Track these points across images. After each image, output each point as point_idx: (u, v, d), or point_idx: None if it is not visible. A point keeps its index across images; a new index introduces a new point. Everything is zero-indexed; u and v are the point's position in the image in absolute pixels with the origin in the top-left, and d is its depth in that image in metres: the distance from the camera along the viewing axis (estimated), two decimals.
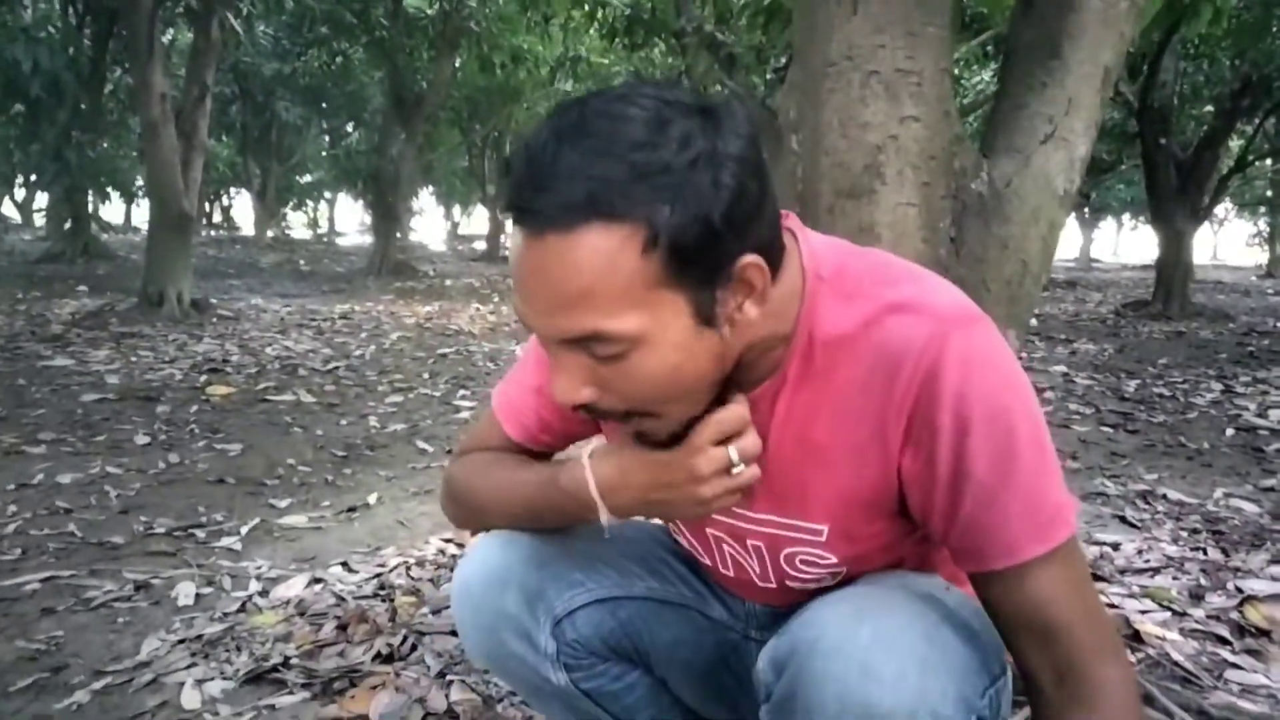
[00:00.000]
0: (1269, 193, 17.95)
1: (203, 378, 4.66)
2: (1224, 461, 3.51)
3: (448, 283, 11.47)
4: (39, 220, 22.34)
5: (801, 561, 0.91)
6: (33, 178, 14.10)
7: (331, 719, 1.56)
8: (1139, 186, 13.15)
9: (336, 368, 5.11)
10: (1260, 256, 22.67)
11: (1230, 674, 1.73)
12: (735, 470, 0.79)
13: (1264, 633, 1.95)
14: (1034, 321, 8.59)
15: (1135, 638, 1.84)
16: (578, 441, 1.00)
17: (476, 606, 0.98)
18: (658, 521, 1.04)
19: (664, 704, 1.08)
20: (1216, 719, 1.50)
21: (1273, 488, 3.12)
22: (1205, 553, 2.45)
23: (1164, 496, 2.98)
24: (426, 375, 4.98)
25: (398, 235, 13.21)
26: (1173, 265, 9.17)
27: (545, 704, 1.07)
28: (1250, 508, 2.87)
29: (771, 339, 0.80)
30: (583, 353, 0.72)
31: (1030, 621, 0.77)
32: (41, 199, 19.50)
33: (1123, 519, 2.76)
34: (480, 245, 20.11)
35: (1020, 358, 1.45)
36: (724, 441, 0.79)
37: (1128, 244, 37.84)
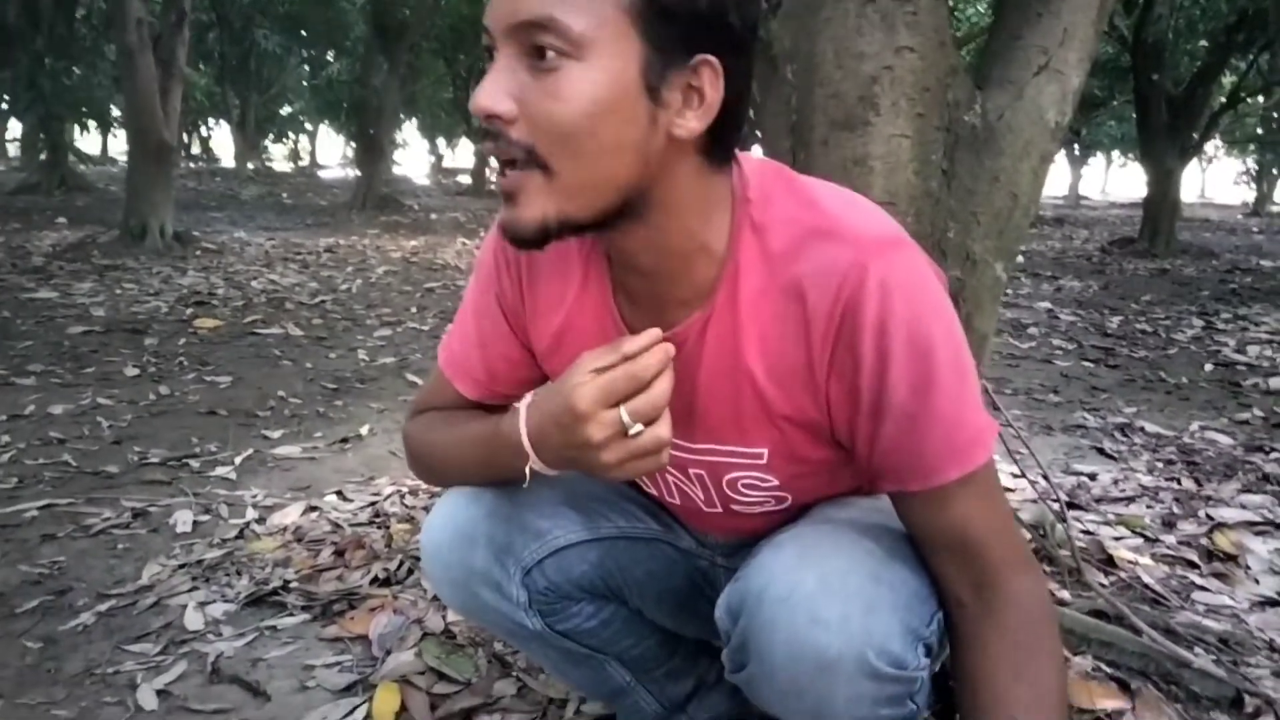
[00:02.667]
0: (1259, 130, 17.90)
1: (189, 310, 4.64)
2: (1202, 396, 3.58)
3: (433, 217, 11.37)
4: (12, 151, 21.89)
5: (744, 485, 0.92)
6: (3, 106, 13.75)
7: (332, 638, 1.61)
8: (1130, 123, 13.08)
9: (323, 301, 5.09)
10: (1247, 195, 22.68)
11: (1197, 595, 1.80)
12: (632, 432, 0.73)
13: (1231, 557, 2.02)
14: (1020, 259, 8.63)
15: (1109, 562, 1.90)
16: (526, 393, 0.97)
17: (446, 563, 0.99)
18: None
19: (642, 631, 1.11)
20: (1182, 636, 1.56)
21: (1248, 421, 3.19)
22: (1179, 482, 2.52)
23: (1141, 429, 3.05)
24: (414, 309, 4.98)
25: (382, 169, 13.02)
26: (1160, 203, 9.19)
27: (525, 645, 1.09)
28: (1224, 440, 2.94)
29: (701, 240, 0.79)
30: (521, 61, 0.69)
31: (948, 540, 0.80)
32: (14, 128, 19.08)
33: (1101, 450, 2.82)
34: (465, 179, 19.87)
35: (1006, 293, 1.48)
36: (618, 404, 0.74)
37: (1117, 181, 37.75)
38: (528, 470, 0.82)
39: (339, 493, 2.27)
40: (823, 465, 0.89)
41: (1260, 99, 13.19)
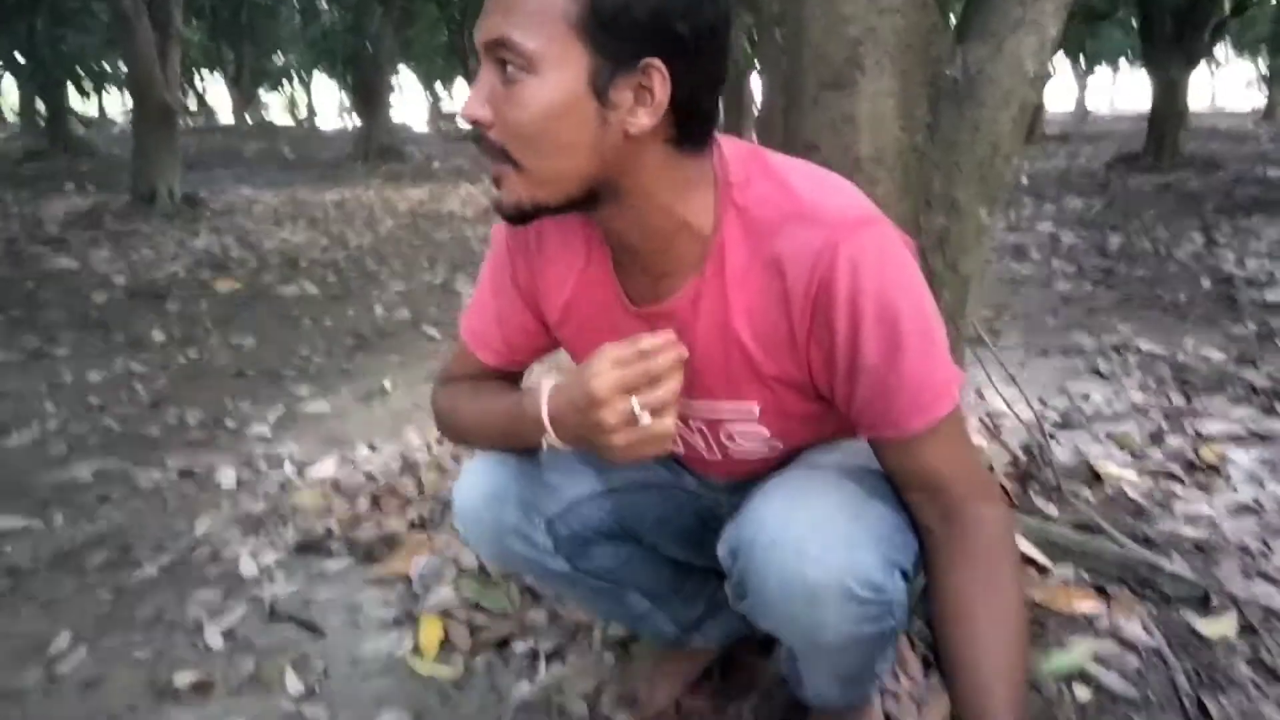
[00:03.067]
0: (1271, 31, 17.49)
1: (206, 273, 4.76)
2: (1198, 312, 3.66)
3: (435, 165, 11.37)
4: (10, 117, 21.80)
5: (740, 436, 1.03)
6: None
7: (376, 579, 1.75)
8: (1136, 34, 12.84)
9: (336, 259, 5.20)
10: (1258, 100, 22.27)
11: (1177, 505, 1.93)
12: (642, 422, 0.82)
13: (1213, 468, 2.14)
14: (1024, 179, 8.62)
15: (1095, 478, 2.02)
16: (543, 357, 1.12)
17: (480, 521, 1.10)
18: None
19: (657, 564, 1.23)
20: (1158, 544, 1.69)
21: (1242, 336, 3.28)
22: (1169, 399, 2.63)
23: (1136, 348, 3.14)
24: (425, 262, 5.08)
25: (381, 118, 12.96)
26: (1165, 116, 9.12)
27: (553, 584, 1.23)
28: (1218, 355, 3.04)
29: (682, 220, 0.89)
30: (494, 72, 0.80)
31: (919, 479, 0.92)
32: (10, 96, 18.98)
33: (1096, 371, 2.92)
34: (464, 124, 19.67)
35: (1009, 216, 1.56)
36: (632, 394, 0.82)
37: (1124, 92, 37.06)
38: (544, 444, 0.94)
39: (370, 445, 2.41)
40: (810, 417, 1.00)
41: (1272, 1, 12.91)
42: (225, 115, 23.81)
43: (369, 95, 11.89)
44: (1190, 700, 1.31)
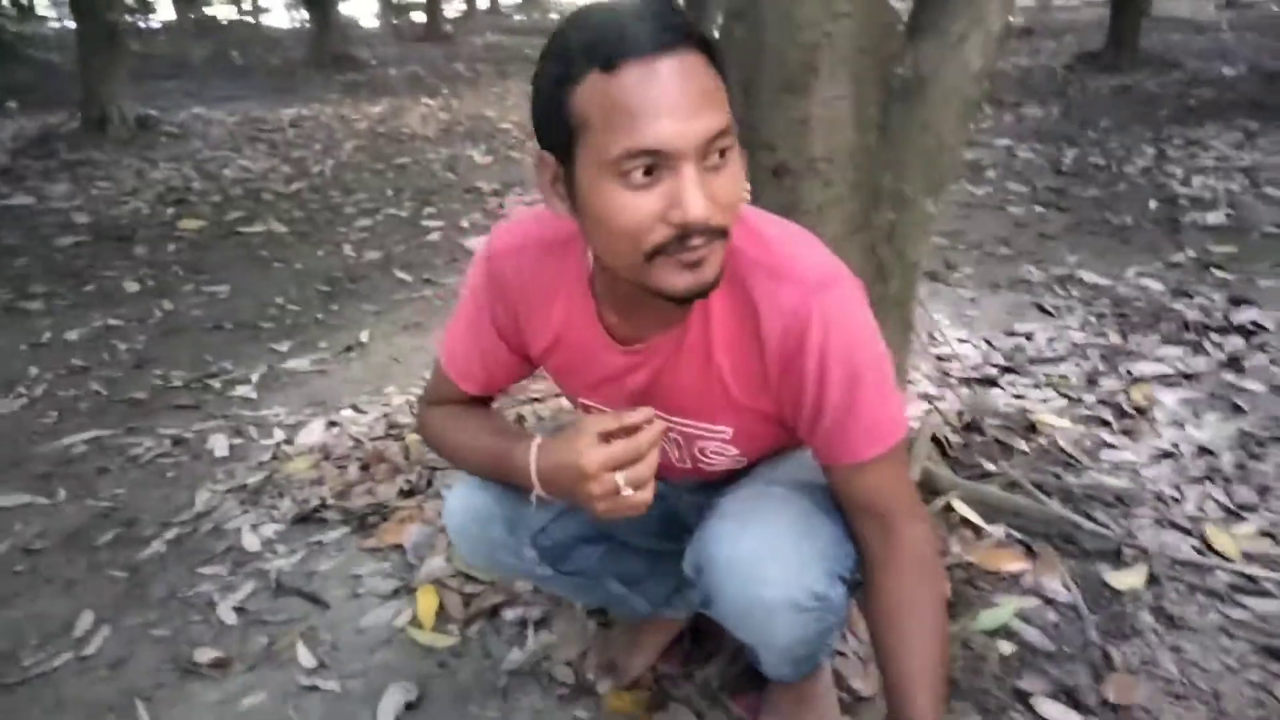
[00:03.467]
0: None
1: (170, 210, 4.73)
2: (1143, 238, 3.81)
3: (391, 72, 11.06)
4: None
5: (711, 452, 1.17)
6: None
7: (372, 549, 1.89)
8: None
9: (299, 189, 5.17)
10: None
11: (1105, 454, 2.10)
12: (625, 493, 0.94)
13: (1141, 411, 2.32)
14: (985, 84, 8.61)
15: (1031, 429, 2.19)
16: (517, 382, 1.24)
17: (469, 538, 1.25)
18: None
19: (630, 557, 1.37)
20: (1079, 496, 1.87)
21: (1180, 264, 3.44)
22: (1107, 337, 2.79)
23: (1080, 280, 3.30)
24: (390, 192, 5.07)
25: (333, 18, 12.47)
26: (1125, 10, 9.08)
27: (540, 582, 1.38)
28: (1156, 285, 3.20)
29: None
30: (700, 165, 0.83)
31: (863, 499, 1.05)
32: None
33: (1040, 307, 3.08)
34: (419, 16, 18.96)
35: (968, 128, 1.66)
36: (620, 468, 0.94)
37: None
38: (533, 497, 1.06)
39: (354, 406, 2.52)
40: (775, 438, 1.14)
41: None
42: (166, 10, 22.70)
43: None
44: (1097, 650, 1.51)
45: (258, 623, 1.70)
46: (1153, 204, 4.29)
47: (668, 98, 0.81)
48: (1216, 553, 1.74)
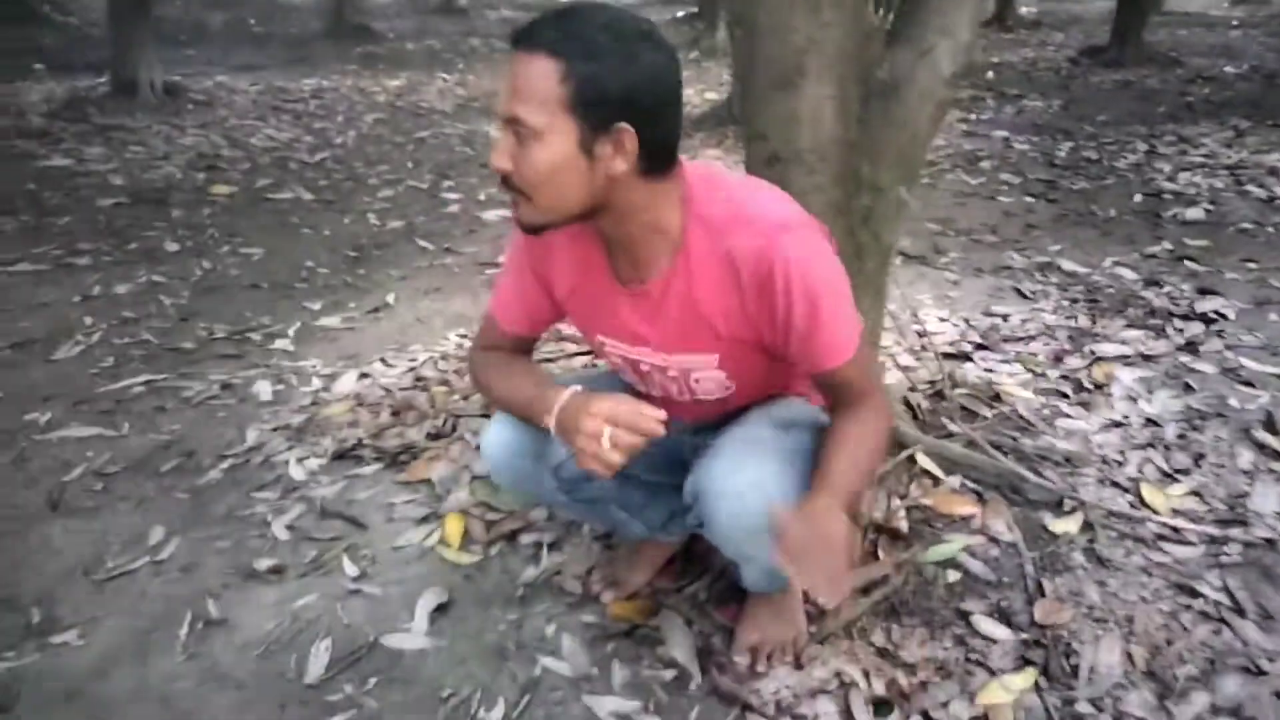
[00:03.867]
0: None
1: (201, 176, 4.97)
2: (1123, 229, 4.02)
3: (409, 46, 11.25)
4: None
5: (703, 379, 1.41)
6: None
7: (404, 482, 2.14)
8: None
9: (324, 159, 5.40)
10: None
11: (1060, 422, 2.34)
12: (605, 443, 1.17)
13: (1100, 387, 2.55)
14: (990, 74, 8.80)
15: (996, 398, 2.43)
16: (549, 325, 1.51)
17: (501, 466, 1.50)
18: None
19: (633, 486, 1.61)
20: (1031, 456, 2.11)
21: (1155, 255, 3.66)
22: (1076, 320, 3.02)
23: (1059, 268, 3.52)
24: (410, 165, 5.30)
25: None
26: (1130, 8, 9.22)
27: (557, 505, 1.62)
28: (1130, 274, 3.42)
29: (656, 226, 1.24)
30: (511, 135, 1.12)
31: (833, 390, 1.33)
32: None
33: (1019, 291, 3.31)
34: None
35: (969, 118, 1.90)
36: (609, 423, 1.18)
37: None
38: (549, 425, 1.31)
39: (383, 360, 2.77)
40: (756, 364, 1.38)
41: None
42: None
43: None
44: (1032, 581, 1.75)
45: (307, 539, 1.95)
46: (1138, 198, 4.49)
47: (504, 78, 1.13)
48: (1148, 507, 1.98)
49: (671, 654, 1.61)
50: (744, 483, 1.28)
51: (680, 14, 14.67)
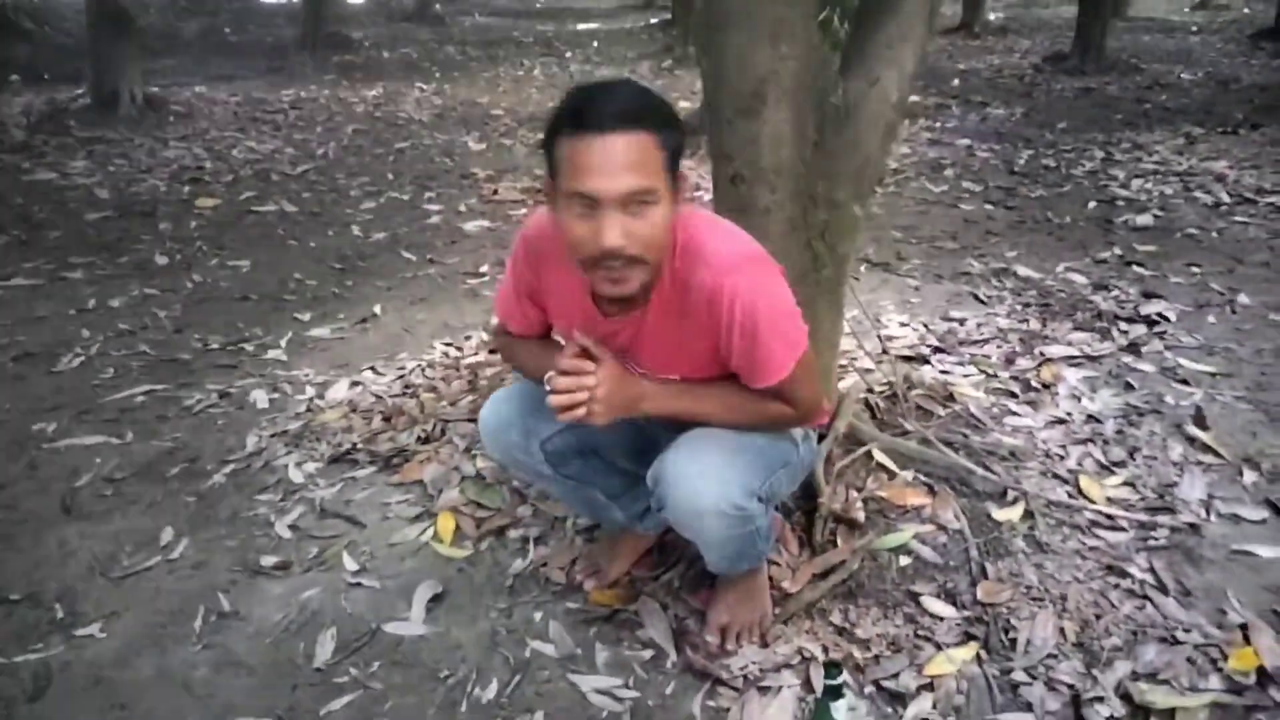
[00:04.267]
0: None
1: (186, 189, 5.07)
2: (1076, 235, 4.22)
3: (385, 54, 11.35)
4: None
5: None
6: None
7: (397, 484, 2.29)
8: None
9: (306, 171, 5.52)
10: None
11: (1008, 419, 2.52)
12: (548, 387, 1.37)
13: (1047, 386, 2.74)
14: (956, 81, 9.04)
15: (949, 398, 2.60)
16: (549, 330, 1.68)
17: (495, 439, 1.67)
18: None
19: (612, 472, 1.77)
20: (979, 451, 2.29)
21: (1106, 260, 3.86)
22: (1028, 324, 3.21)
23: (1014, 274, 3.71)
24: (391, 176, 5.43)
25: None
26: (1092, 16, 9.49)
27: (541, 482, 1.79)
28: (1080, 279, 3.62)
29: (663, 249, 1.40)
30: (624, 211, 1.25)
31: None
32: None
33: (976, 296, 3.50)
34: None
35: (934, 126, 2.07)
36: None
37: None
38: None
39: (372, 369, 2.91)
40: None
41: None
42: None
43: None
44: (976, 564, 1.93)
45: (308, 537, 2.09)
46: (1092, 204, 4.70)
47: (601, 162, 1.24)
48: (1085, 497, 2.16)
49: (649, 635, 1.76)
50: (694, 471, 1.46)
51: (654, 20, 14.86)
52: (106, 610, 1.87)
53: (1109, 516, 2.09)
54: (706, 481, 1.44)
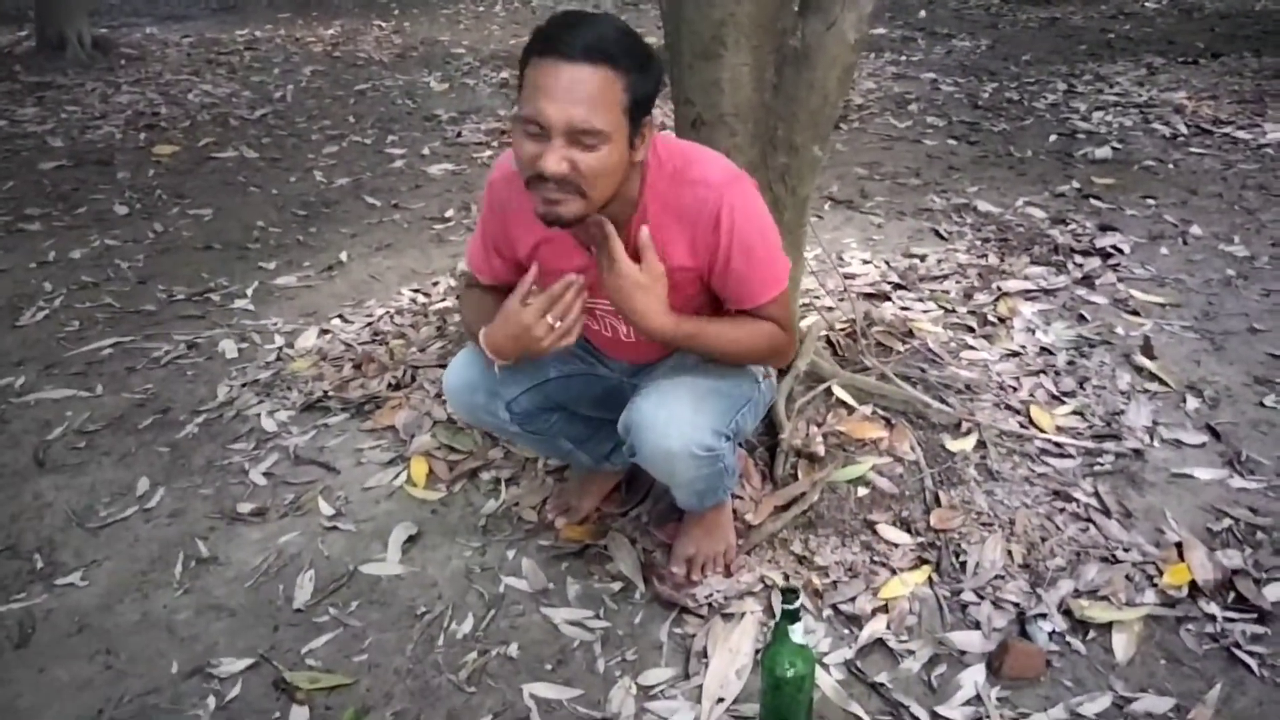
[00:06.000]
0: None
1: (142, 136, 4.97)
2: (1037, 169, 4.27)
3: None
4: None
5: None
6: None
7: (369, 430, 2.33)
8: None
9: (264, 115, 5.42)
10: None
11: (965, 353, 2.59)
12: (556, 327, 1.42)
13: (1003, 320, 2.81)
14: (922, 13, 8.99)
15: (909, 334, 2.67)
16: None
17: (459, 400, 1.69)
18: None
19: (578, 422, 1.82)
20: (936, 385, 2.36)
21: (1064, 193, 3.92)
22: (987, 259, 3.28)
23: (975, 209, 3.76)
24: (352, 119, 5.34)
25: None
26: None
27: (510, 436, 1.82)
28: (1039, 213, 3.68)
29: (623, 196, 1.42)
30: (570, 142, 1.24)
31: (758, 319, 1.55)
32: None
33: (937, 232, 3.55)
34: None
35: (900, 59, 2.11)
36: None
37: None
38: (495, 368, 1.55)
39: (340, 316, 2.92)
40: (693, 298, 1.57)
41: None
42: None
43: None
44: (930, 493, 2.01)
45: (284, 484, 2.13)
46: (1053, 138, 4.74)
47: (555, 87, 1.24)
48: (1036, 426, 2.25)
49: (618, 569, 1.84)
50: (665, 416, 1.50)
51: None
52: (86, 560, 1.92)
53: (1057, 445, 2.18)
54: (678, 426, 1.49)
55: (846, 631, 1.70)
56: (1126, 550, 1.86)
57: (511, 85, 6.13)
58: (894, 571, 1.81)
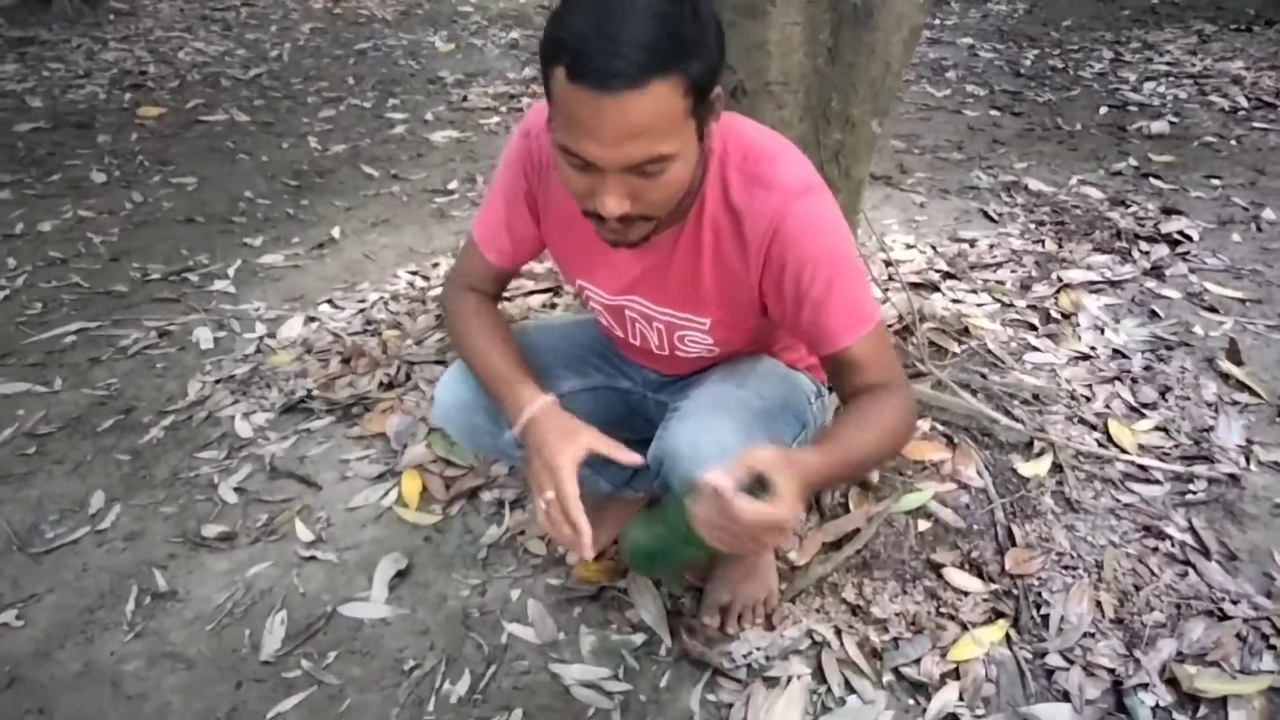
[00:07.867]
0: None
1: (127, 96, 4.66)
2: (1089, 144, 3.95)
3: None
4: None
5: (690, 341, 1.34)
6: None
7: (357, 437, 2.06)
8: None
9: (258, 75, 5.09)
10: None
11: (1029, 356, 2.31)
12: (546, 498, 1.20)
13: (1067, 316, 2.52)
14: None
15: (965, 332, 2.38)
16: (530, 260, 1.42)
17: (456, 422, 1.42)
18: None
19: None
20: (1000, 394, 2.08)
21: (1121, 171, 3.61)
22: (1044, 244, 2.97)
23: (1025, 188, 3.45)
24: (351, 80, 5.02)
25: None
26: None
27: (515, 460, 1.54)
28: (1095, 194, 3.37)
29: (695, 176, 1.12)
30: (625, 175, 0.98)
31: (851, 376, 1.21)
32: None
33: (985, 214, 3.24)
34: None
35: (934, 23, 1.81)
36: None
37: None
38: (508, 435, 1.28)
39: (330, 301, 2.64)
40: (747, 333, 1.31)
41: None
42: None
43: None
44: (1002, 528, 1.73)
45: (257, 501, 1.87)
46: (1103, 110, 4.41)
47: (599, 130, 0.94)
48: (1116, 445, 1.97)
49: (640, 617, 1.57)
50: (705, 448, 1.21)
51: None
52: (25, 592, 1.66)
53: (1142, 468, 1.90)
54: (720, 462, 1.20)
55: (912, 702, 1.43)
56: (1235, 602, 1.59)
57: (522, 46, 5.79)
58: (965, 626, 1.54)
